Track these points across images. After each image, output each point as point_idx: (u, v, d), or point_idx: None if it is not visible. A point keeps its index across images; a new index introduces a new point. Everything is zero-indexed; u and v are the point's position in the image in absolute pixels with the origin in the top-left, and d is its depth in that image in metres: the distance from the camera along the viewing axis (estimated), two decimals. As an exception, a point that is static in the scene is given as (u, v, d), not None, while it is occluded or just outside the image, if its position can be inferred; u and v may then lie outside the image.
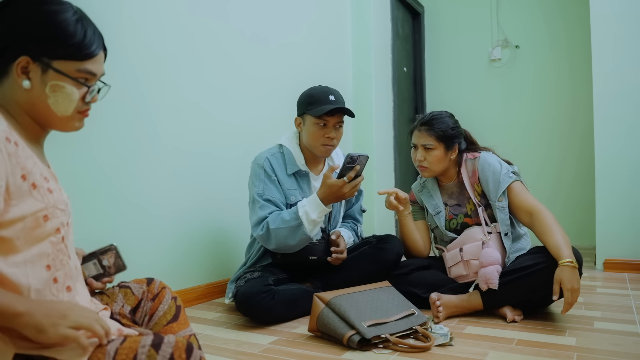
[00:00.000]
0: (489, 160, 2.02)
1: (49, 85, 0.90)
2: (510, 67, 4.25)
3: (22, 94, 0.90)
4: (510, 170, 2.00)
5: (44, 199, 0.88)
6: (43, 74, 0.90)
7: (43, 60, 0.89)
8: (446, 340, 1.59)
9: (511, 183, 1.98)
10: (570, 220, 3.94)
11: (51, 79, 0.90)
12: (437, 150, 2.04)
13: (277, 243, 1.92)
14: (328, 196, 1.88)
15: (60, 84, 0.91)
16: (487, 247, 1.91)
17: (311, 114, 2.01)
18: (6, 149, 0.82)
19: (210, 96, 2.40)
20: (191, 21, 2.30)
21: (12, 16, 0.88)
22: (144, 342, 0.86)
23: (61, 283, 0.92)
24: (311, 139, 2.05)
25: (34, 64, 0.89)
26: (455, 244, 2.04)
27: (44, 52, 0.89)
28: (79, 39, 0.92)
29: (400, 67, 4.22)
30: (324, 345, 1.63)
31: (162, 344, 0.86)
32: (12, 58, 0.88)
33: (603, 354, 1.47)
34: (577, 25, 3.92)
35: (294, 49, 3.05)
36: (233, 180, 2.48)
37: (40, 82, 0.90)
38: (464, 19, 4.46)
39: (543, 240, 1.83)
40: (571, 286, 1.65)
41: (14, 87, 0.90)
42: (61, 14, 0.91)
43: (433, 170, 2.08)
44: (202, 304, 2.28)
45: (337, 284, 1.96)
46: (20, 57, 0.88)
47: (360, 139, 3.66)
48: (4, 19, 0.88)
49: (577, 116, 3.95)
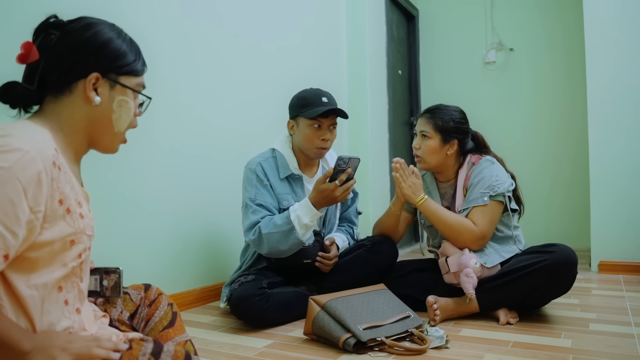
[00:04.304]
0: (484, 172, 1.96)
1: (116, 101, 0.96)
2: (504, 70, 4.27)
3: (83, 111, 0.93)
4: (495, 190, 1.92)
5: (75, 224, 0.89)
6: (111, 89, 0.95)
7: (111, 76, 0.95)
8: (442, 343, 1.59)
9: (477, 206, 1.93)
10: (566, 222, 3.96)
11: (118, 94, 0.96)
12: (432, 140, 2.01)
13: (270, 248, 1.92)
14: (320, 200, 1.88)
15: (125, 99, 0.97)
16: (463, 254, 1.88)
17: (305, 116, 2.00)
18: (51, 174, 0.83)
19: (205, 99, 2.40)
20: (187, 25, 2.30)
21: (74, 38, 0.92)
22: (144, 350, 0.88)
23: (71, 305, 0.93)
24: (305, 141, 2.05)
25: (103, 79, 0.93)
26: (441, 252, 1.99)
27: (111, 69, 0.95)
28: (136, 55, 0.99)
29: (395, 70, 4.23)
30: (320, 348, 1.62)
31: (161, 352, 0.88)
32: (78, 76, 0.92)
33: (598, 355, 1.47)
34: (571, 28, 3.94)
35: (289, 52, 3.05)
36: (228, 183, 2.47)
37: (108, 98, 0.95)
38: (459, 21, 4.47)
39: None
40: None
41: (74, 105, 0.93)
42: (118, 33, 0.98)
43: (426, 162, 2.04)
44: (197, 308, 2.26)
45: (332, 287, 1.95)
46: (91, 74, 0.92)
47: (355, 142, 3.66)
48: (66, 42, 0.92)
49: (572, 119, 3.96)
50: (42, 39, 0.92)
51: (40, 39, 0.92)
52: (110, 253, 1.81)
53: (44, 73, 0.91)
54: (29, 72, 0.92)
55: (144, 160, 2.07)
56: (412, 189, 1.98)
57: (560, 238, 2.57)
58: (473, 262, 1.83)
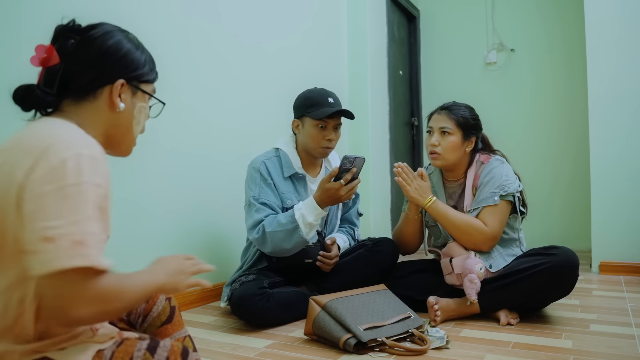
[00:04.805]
0: (494, 171, 1.94)
1: (137, 107, 1.00)
2: (505, 71, 4.27)
3: (106, 117, 0.96)
4: (505, 190, 1.90)
5: (104, 224, 0.92)
6: (133, 96, 0.99)
7: (133, 83, 0.99)
8: (442, 344, 1.59)
9: (488, 206, 1.91)
10: (567, 222, 3.96)
11: (139, 100, 1.00)
12: (454, 136, 1.98)
13: (273, 246, 1.92)
14: (325, 199, 1.88)
15: (145, 104, 1.02)
16: (468, 258, 1.88)
17: (311, 116, 2.01)
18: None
19: (206, 100, 2.40)
20: (188, 25, 2.30)
21: (99, 45, 0.95)
22: (139, 345, 0.88)
23: None
24: (311, 141, 2.05)
25: (127, 86, 0.97)
26: (445, 252, 1.98)
27: (134, 77, 0.98)
28: (152, 64, 1.04)
29: (396, 70, 4.23)
30: (320, 348, 1.62)
31: (157, 347, 0.88)
32: (105, 82, 0.95)
33: (599, 356, 1.47)
34: (572, 29, 3.94)
35: (290, 53, 3.05)
36: (229, 183, 2.47)
37: (130, 104, 0.99)
38: (460, 22, 4.47)
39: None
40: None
41: (98, 110, 0.95)
42: (134, 40, 1.01)
43: (445, 159, 1.99)
44: (198, 308, 2.27)
45: (333, 287, 1.95)
46: (117, 81, 0.95)
47: (356, 142, 3.66)
48: (91, 48, 0.94)
49: (572, 119, 3.96)
50: (61, 43, 0.93)
51: (60, 43, 0.93)
52: (111, 253, 1.80)
53: (66, 78, 0.92)
54: (49, 76, 0.93)
55: (146, 160, 2.07)
56: (419, 191, 1.96)
57: (561, 239, 2.57)
58: (478, 268, 1.83)
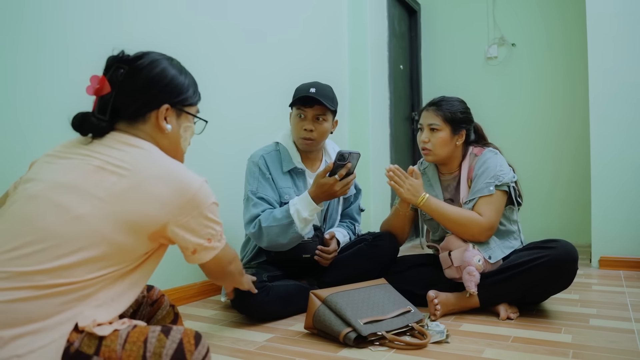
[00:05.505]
0: (488, 162, 1.96)
1: (183, 127, 1.13)
2: (506, 65, 4.26)
3: (157, 135, 1.09)
4: (500, 180, 1.91)
5: None
6: (178, 118, 1.12)
7: (178, 107, 1.11)
8: (442, 338, 1.59)
9: (484, 196, 1.92)
10: (567, 218, 3.96)
11: (184, 121, 1.13)
12: (442, 132, 1.99)
13: (269, 241, 1.92)
14: (319, 194, 1.88)
15: (190, 124, 1.15)
16: (467, 250, 1.88)
17: (290, 104, 2.03)
18: None
19: (206, 91, 2.38)
20: (189, 15, 2.29)
21: (146, 75, 1.07)
22: (154, 328, 0.95)
23: None
24: (293, 131, 2.08)
25: (172, 110, 1.10)
26: (443, 246, 1.99)
27: (179, 102, 1.11)
28: (195, 85, 1.17)
29: (397, 64, 4.22)
30: (320, 342, 1.62)
31: (171, 330, 0.94)
32: (151, 108, 1.07)
33: (599, 350, 1.48)
34: (573, 23, 3.93)
35: (290, 46, 3.04)
36: (228, 177, 2.46)
37: (176, 125, 1.12)
38: (460, 16, 4.45)
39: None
40: None
41: (149, 131, 1.08)
42: (178, 67, 1.13)
43: (436, 154, 2.02)
44: (198, 302, 2.27)
45: (333, 282, 1.96)
46: (162, 106, 1.08)
47: (356, 137, 3.65)
48: (139, 78, 1.06)
49: (573, 114, 3.95)
50: (112, 73, 1.04)
51: (111, 73, 1.04)
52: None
53: (117, 105, 1.04)
54: (102, 104, 1.03)
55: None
56: (411, 191, 1.96)
57: (561, 234, 2.57)
58: (476, 260, 1.83)
